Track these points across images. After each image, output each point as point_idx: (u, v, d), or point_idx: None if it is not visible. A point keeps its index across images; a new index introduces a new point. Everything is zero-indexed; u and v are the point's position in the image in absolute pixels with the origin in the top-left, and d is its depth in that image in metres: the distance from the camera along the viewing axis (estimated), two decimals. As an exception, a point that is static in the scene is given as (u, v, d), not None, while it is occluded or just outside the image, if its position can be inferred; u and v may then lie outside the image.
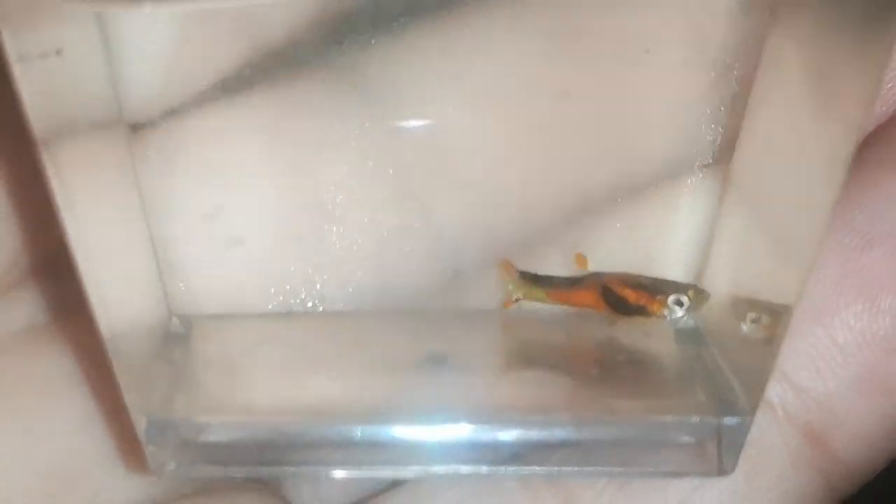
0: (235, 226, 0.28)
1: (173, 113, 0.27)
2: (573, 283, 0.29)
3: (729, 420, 0.27)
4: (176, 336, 0.29)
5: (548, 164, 0.29)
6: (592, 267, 0.29)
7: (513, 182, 0.29)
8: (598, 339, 0.30)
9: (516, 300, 0.29)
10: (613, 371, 0.29)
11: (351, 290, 0.29)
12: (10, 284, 0.29)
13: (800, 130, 0.25)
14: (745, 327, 0.28)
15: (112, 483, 0.28)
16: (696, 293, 0.29)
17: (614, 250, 0.29)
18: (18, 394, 0.28)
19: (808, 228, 0.25)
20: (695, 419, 0.27)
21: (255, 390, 0.28)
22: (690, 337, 0.29)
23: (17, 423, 0.28)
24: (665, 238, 0.29)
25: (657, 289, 0.29)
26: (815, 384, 0.28)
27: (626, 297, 0.29)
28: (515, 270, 0.29)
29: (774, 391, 0.28)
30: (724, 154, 0.28)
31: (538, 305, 0.29)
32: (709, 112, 0.28)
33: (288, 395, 0.28)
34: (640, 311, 0.29)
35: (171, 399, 0.27)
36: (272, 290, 0.29)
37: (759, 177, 0.28)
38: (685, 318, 0.29)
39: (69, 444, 0.28)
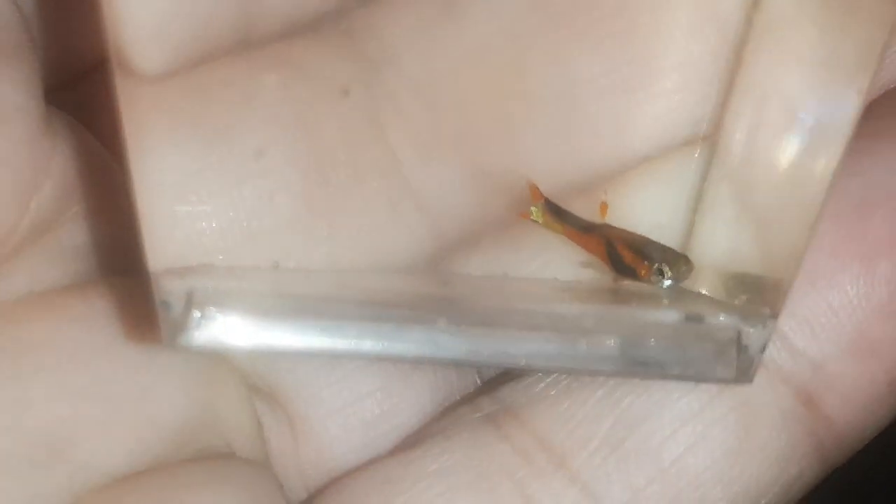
0: (218, 189, 0.28)
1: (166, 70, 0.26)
2: (588, 228, 0.29)
3: (748, 323, 0.27)
4: None
5: (536, 134, 0.29)
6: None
7: (501, 152, 0.29)
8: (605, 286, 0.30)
9: (533, 220, 0.29)
10: (624, 293, 0.30)
11: (335, 255, 0.29)
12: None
13: (802, 87, 0.25)
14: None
15: (101, 453, 0.27)
16: (680, 265, 0.29)
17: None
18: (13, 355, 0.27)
19: (810, 196, 0.25)
20: (713, 318, 0.27)
21: (272, 276, 0.28)
22: None
23: (6, 386, 0.27)
24: (649, 214, 0.29)
25: (647, 255, 0.29)
26: (810, 346, 0.28)
27: (622, 256, 0.29)
28: (542, 197, 0.29)
29: (770, 351, 0.28)
30: (713, 121, 0.28)
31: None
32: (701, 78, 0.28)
33: (299, 282, 0.29)
34: (632, 273, 0.29)
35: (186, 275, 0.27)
36: (256, 254, 0.28)
37: (750, 149, 0.28)
38: (673, 286, 0.29)
39: (59, 410, 0.27)
